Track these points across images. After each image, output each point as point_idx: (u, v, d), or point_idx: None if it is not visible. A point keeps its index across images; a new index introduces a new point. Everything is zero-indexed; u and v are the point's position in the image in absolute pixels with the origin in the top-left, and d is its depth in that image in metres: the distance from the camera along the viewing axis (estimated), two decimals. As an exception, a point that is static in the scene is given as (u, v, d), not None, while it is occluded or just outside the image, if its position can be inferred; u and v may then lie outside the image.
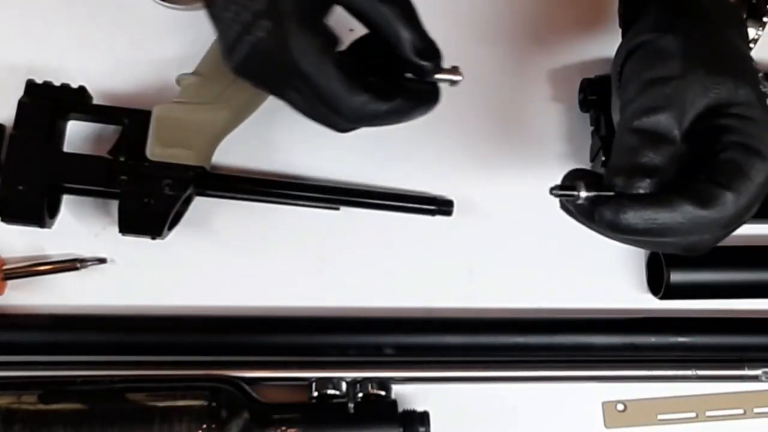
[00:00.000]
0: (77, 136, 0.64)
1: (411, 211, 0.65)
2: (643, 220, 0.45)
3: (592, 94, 0.66)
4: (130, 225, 0.60)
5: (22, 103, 0.61)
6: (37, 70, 0.65)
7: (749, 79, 0.47)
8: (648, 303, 0.66)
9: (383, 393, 0.60)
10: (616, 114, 0.53)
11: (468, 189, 0.66)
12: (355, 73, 0.50)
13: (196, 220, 0.64)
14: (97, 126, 0.64)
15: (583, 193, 0.46)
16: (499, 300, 0.66)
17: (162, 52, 0.67)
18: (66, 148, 0.62)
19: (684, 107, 0.46)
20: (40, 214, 0.60)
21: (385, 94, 0.50)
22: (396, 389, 0.62)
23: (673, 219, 0.45)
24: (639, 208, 0.45)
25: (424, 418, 0.60)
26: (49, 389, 0.58)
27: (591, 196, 0.46)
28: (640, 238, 0.46)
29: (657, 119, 0.46)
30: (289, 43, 0.48)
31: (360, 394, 0.60)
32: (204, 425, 0.56)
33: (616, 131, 0.49)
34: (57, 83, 0.62)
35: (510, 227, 0.66)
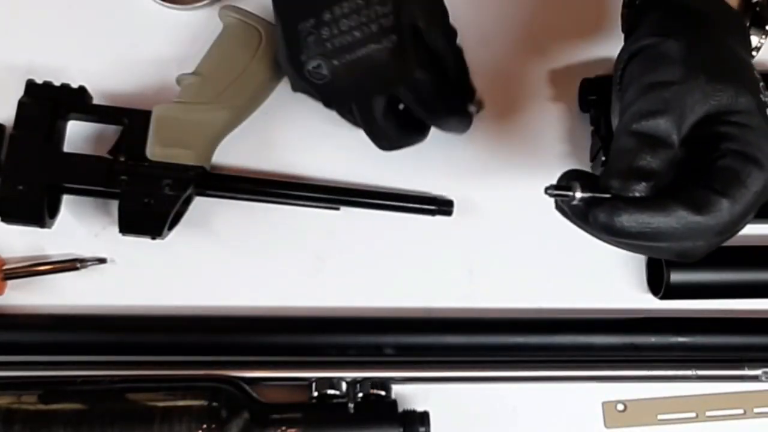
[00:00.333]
0: (77, 136, 0.64)
1: (411, 211, 0.65)
2: (637, 224, 0.45)
3: (592, 94, 0.66)
4: (130, 225, 0.60)
5: (22, 103, 0.61)
6: (37, 70, 0.65)
7: (750, 88, 0.47)
8: (648, 303, 0.66)
9: (383, 393, 0.60)
10: (615, 118, 0.53)
11: (468, 189, 0.66)
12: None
13: (196, 220, 0.64)
14: (97, 126, 0.64)
15: (578, 194, 0.46)
16: (499, 300, 0.66)
17: (162, 52, 0.67)
18: (66, 148, 0.63)
19: (684, 112, 0.46)
20: (40, 214, 0.60)
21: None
22: (396, 389, 0.62)
23: (667, 223, 0.44)
24: (633, 211, 0.45)
25: (424, 418, 0.60)
26: (49, 389, 0.58)
27: (586, 198, 0.46)
28: (633, 241, 0.46)
29: (656, 123, 0.46)
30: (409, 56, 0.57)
31: (360, 394, 0.60)
32: (204, 425, 0.56)
33: (614, 134, 0.49)
34: (57, 83, 0.62)
35: (510, 227, 0.66)
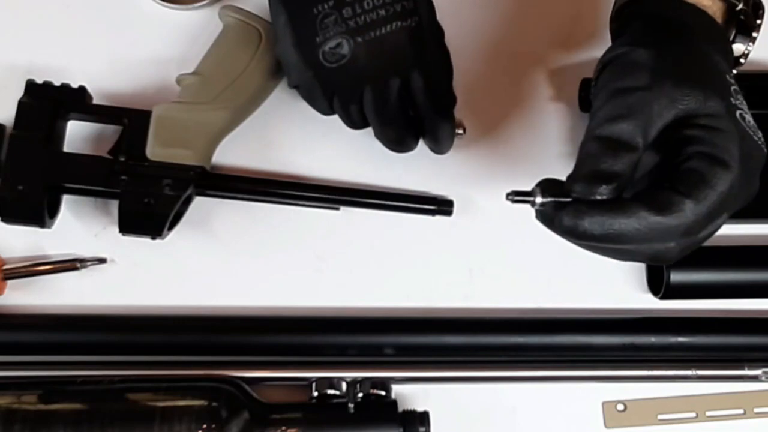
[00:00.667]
0: (77, 136, 0.64)
1: (411, 211, 0.65)
2: (600, 226, 0.45)
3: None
4: (130, 225, 0.60)
5: (22, 103, 0.61)
6: (37, 70, 0.65)
7: (719, 91, 0.48)
8: (648, 303, 0.66)
9: (383, 393, 0.60)
10: None
11: (468, 189, 0.66)
12: None
13: (196, 220, 0.64)
14: (97, 126, 0.64)
15: (539, 199, 0.47)
16: (499, 300, 0.66)
17: (162, 52, 0.67)
18: (66, 148, 0.63)
19: (651, 117, 0.47)
20: (40, 214, 0.60)
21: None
22: (396, 389, 0.62)
23: (629, 225, 0.45)
24: (595, 214, 0.45)
25: (424, 418, 0.60)
26: (49, 389, 0.58)
27: (549, 202, 0.47)
28: (599, 244, 0.47)
29: (619, 127, 0.47)
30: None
31: (360, 394, 0.60)
32: (204, 425, 0.56)
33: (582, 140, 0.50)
34: (57, 83, 0.62)
35: (510, 227, 0.66)
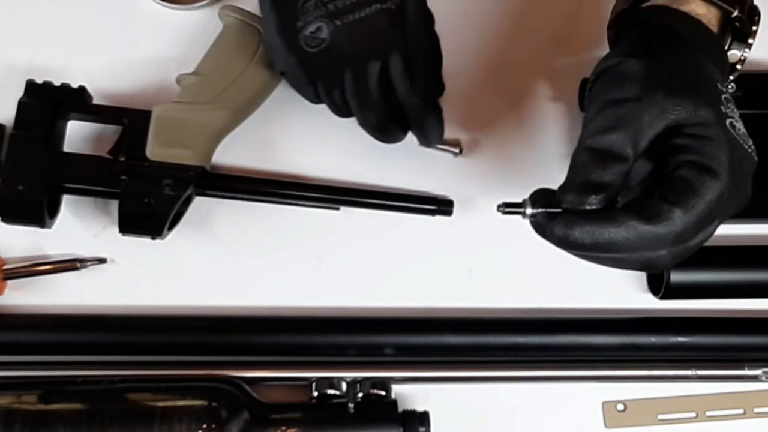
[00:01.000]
0: (77, 136, 0.64)
1: (411, 211, 0.65)
2: (590, 235, 0.46)
3: (592, 94, 0.66)
4: (130, 225, 0.60)
5: (22, 103, 0.61)
6: (37, 70, 0.65)
7: (709, 100, 0.48)
8: (648, 303, 0.66)
9: (383, 393, 0.60)
10: None
11: (468, 189, 0.66)
12: None
13: (196, 220, 0.64)
14: (97, 126, 0.64)
15: (529, 210, 0.48)
16: (499, 300, 0.66)
17: (162, 52, 0.67)
18: (66, 148, 0.63)
19: (641, 128, 0.47)
20: (40, 214, 0.60)
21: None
22: (396, 389, 0.62)
23: (618, 234, 0.45)
24: (585, 224, 0.46)
25: (424, 418, 0.60)
26: (49, 389, 0.58)
27: (538, 213, 0.48)
28: (590, 253, 0.47)
29: (609, 139, 0.47)
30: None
31: (360, 394, 0.60)
32: (204, 425, 0.56)
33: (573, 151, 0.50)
34: (57, 83, 0.62)
35: (510, 227, 0.66)
